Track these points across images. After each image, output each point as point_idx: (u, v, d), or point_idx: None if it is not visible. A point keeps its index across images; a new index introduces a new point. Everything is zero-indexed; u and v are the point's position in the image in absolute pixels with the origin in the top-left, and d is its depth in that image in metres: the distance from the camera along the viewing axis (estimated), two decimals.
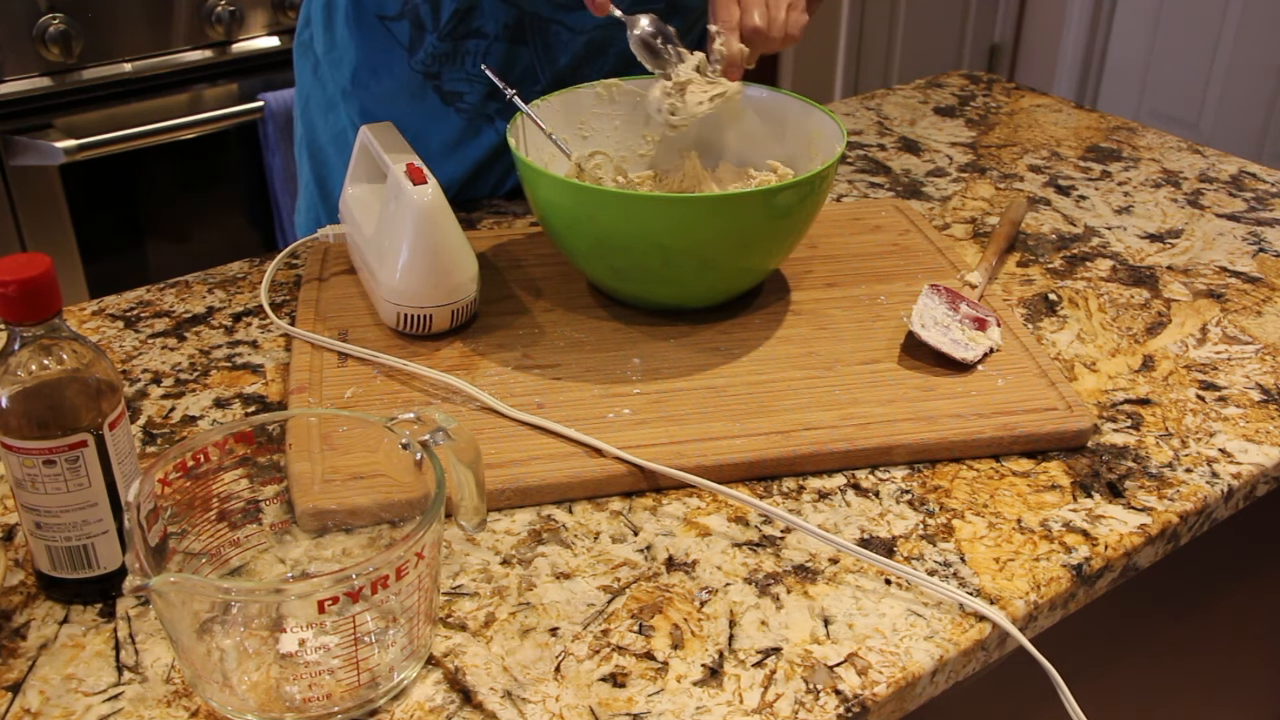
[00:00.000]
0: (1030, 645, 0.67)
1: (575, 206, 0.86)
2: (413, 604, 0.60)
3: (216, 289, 1.00)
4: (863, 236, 1.05)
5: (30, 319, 0.62)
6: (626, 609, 0.68)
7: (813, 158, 0.95)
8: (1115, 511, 0.76)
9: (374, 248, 0.91)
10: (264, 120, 1.84)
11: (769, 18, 0.91)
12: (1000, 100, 1.44)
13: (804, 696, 0.62)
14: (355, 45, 1.11)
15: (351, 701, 0.60)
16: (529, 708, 0.61)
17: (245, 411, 0.84)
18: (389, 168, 0.89)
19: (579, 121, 1.00)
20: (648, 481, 0.77)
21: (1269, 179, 1.23)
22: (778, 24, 0.91)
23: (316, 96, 1.17)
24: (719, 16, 0.92)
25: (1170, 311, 0.98)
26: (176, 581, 0.55)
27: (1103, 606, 0.76)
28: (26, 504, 0.65)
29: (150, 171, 1.83)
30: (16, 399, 0.63)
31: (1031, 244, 1.09)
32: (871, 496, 0.77)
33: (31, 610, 0.67)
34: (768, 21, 0.91)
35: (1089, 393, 0.87)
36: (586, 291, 0.96)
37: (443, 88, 1.09)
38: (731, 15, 0.91)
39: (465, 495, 0.67)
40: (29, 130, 1.68)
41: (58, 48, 1.66)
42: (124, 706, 0.61)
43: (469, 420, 0.80)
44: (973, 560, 0.71)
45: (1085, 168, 1.25)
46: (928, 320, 0.89)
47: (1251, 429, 0.84)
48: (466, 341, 0.89)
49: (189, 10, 1.77)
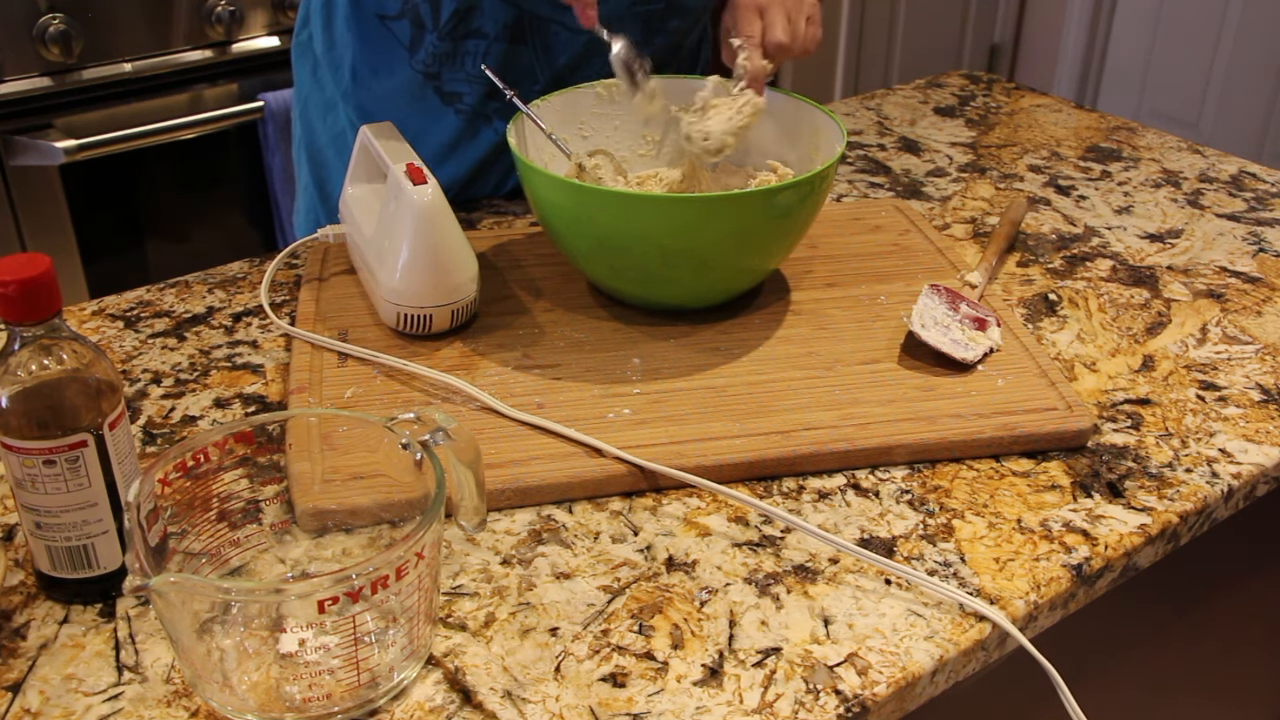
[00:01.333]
0: (1030, 645, 0.67)
1: (575, 206, 0.86)
2: (413, 604, 0.60)
3: (216, 289, 1.00)
4: (863, 236, 1.05)
5: (30, 319, 0.62)
6: (626, 609, 0.68)
7: (813, 158, 0.95)
8: (1115, 511, 0.76)
9: (374, 248, 0.91)
10: (264, 120, 1.84)
11: (791, 32, 0.91)
12: (1000, 100, 1.44)
13: (804, 696, 0.62)
14: (355, 45, 1.11)
15: (351, 701, 0.60)
16: (529, 708, 0.61)
17: (245, 411, 0.84)
18: (389, 168, 0.89)
19: (579, 121, 1.00)
20: (648, 481, 0.77)
21: (1269, 179, 1.23)
22: (799, 37, 0.92)
23: (315, 98, 1.17)
24: (742, 31, 0.92)
25: (1170, 311, 0.98)
26: (176, 581, 0.55)
27: (1103, 606, 0.76)
28: (26, 504, 0.65)
29: (150, 171, 1.83)
30: (16, 399, 0.63)
31: (1031, 244, 1.09)
32: (871, 496, 0.77)
33: (31, 610, 0.67)
34: (790, 35, 0.91)
35: (1089, 393, 0.87)
36: (586, 291, 0.96)
37: (442, 88, 1.09)
38: (755, 30, 0.91)
39: (465, 495, 0.67)
40: (29, 130, 1.68)
41: (58, 48, 1.66)
42: (124, 706, 0.61)
43: (469, 420, 0.80)
44: (973, 560, 0.71)
45: (1085, 168, 1.25)
46: (928, 320, 0.89)
47: (1251, 429, 0.84)
48: (466, 341, 0.89)
49: (189, 10, 1.77)
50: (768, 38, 0.91)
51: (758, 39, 0.92)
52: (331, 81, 1.14)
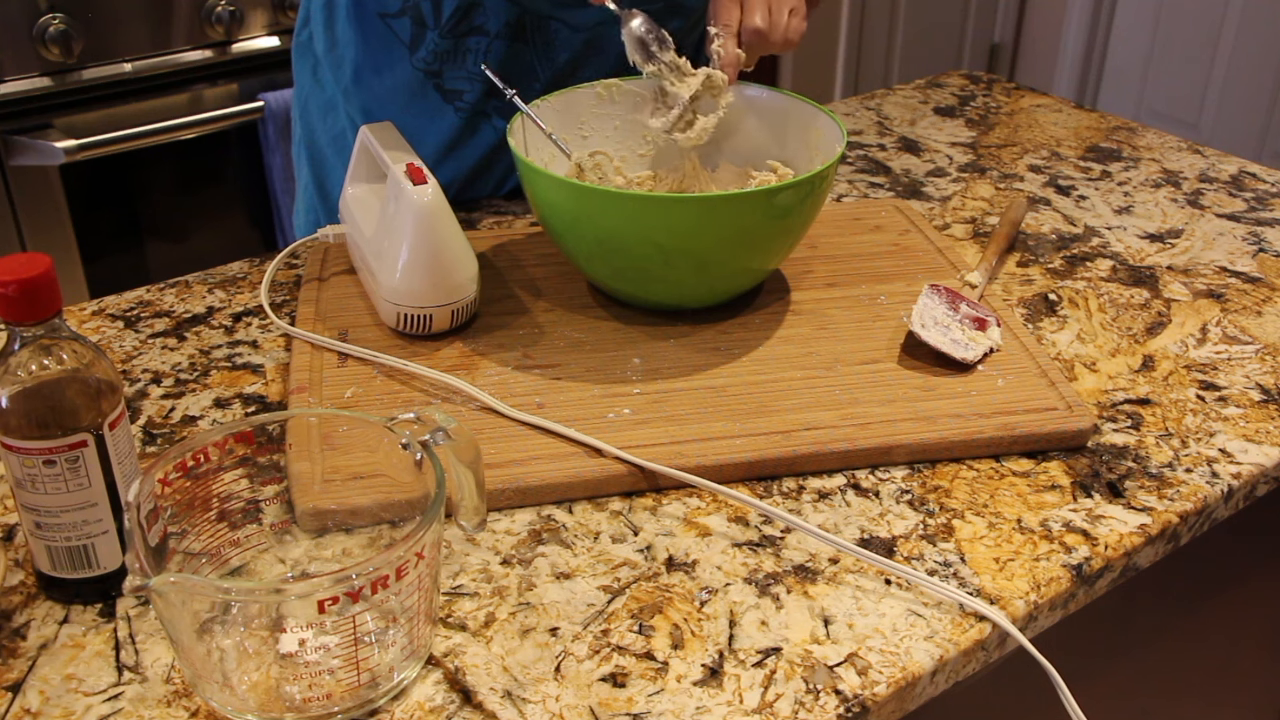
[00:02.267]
0: (1030, 645, 0.67)
1: (575, 206, 0.86)
2: (413, 604, 0.60)
3: (216, 289, 1.00)
4: (863, 236, 1.05)
5: (30, 319, 0.62)
6: (626, 609, 0.68)
7: (813, 158, 0.95)
8: (1115, 511, 0.76)
9: (374, 248, 0.91)
10: (264, 120, 1.84)
11: (770, 21, 0.91)
12: (1000, 100, 1.44)
13: (804, 696, 0.62)
14: (356, 43, 1.11)
15: (351, 701, 0.60)
16: (529, 708, 0.61)
17: (245, 411, 0.84)
18: (389, 168, 0.89)
19: (579, 121, 1.00)
20: (648, 481, 0.77)
21: (1269, 179, 1.23)
22: (779, 28, 0.91)
23: (315, 98, 1.17)
24: (719, 18, 0.92)
25: (1170, 311, 0.98)
26: (176, 581, 0.55)
27: (1103, 606, 0.76)
28: (26, 504, 0.65)
29: (150, 171, 1.83)
30: (16, 399, 0.63)
31: (1031, 244, 1.09)
32: (871, 496, 0.77)
33: (31, 610, 0.67)
34: (769, 24, 0.91)
35: (1089, 393, 0.87)
36: (586, 291, 0.96)
37: (443, 85, 1.09)
38: (732, 17, 0.91)
39: (465, 495, 0.67)
40: (29, 130, 1.68)
41: (58, 48, 1.66)
42: (124, 706, 0.61)
43: (469, 420, 0.80)
44: (973, 560, 0.71)
45: (1085, 168, 1.25)
46: (928, 320, 0.89)
47: (1251, 429, 0.84)
48: (466, 341, 0.89)
49: (189, 10, 1.77)
50: (745, 24, 0.91)
51: (734, 27, 0.91)
52: (332, 80, 1.14)
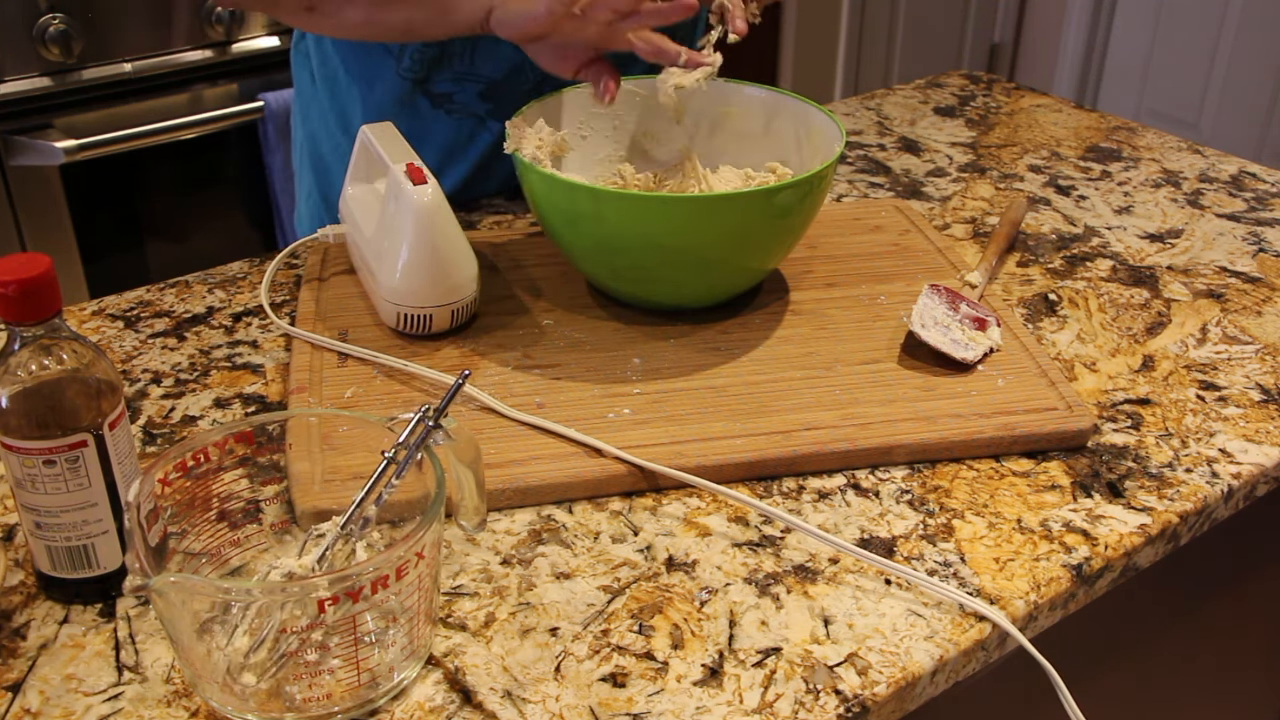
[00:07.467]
0: (1030, 645, 0.67)
1: (574, 207, 0.86)
2: (413, 604, 0.60)
3: (216, 289, 1.00)
4: (863, 236, 1.05)
5: (30, 319, 0.62)
6: (626, 609, 0.68)
7: (813, 158, 0.95)
8: (1115, 511, 0.76)
9: (374, 248, 0.91)
10: (264, 120, 1.84)
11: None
12: (1000, 100, 1.44)
13: (804, 696, 0.62)
14: (343, 56, 1.11)
15: (351, 701, 0.60)
16: (529, 708, 0.61)
17: (245, 411, 0.84)
18: (389, 168, 0.89)
19: (579, 121, 1.00)
20: (648, 481, 0.77)
21: (1269, 179, 1.23)
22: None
23: (315, 105, 1.17)
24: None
25: (1170, 311, 0.98)
26: (176, 581, 0.55)
27: (1103, 606, 0.76)
28: (26, 504, 0.65)
29: (150, 171, 1.83)
30: (16, 399, 0.63)
31: (1031, 244, 1.09)
32: (871, 496, 0.77)
33: (31, 610, 0.67)
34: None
35: (1089, 393, 0.87)
36: (586, 291, 0.96)
37: (432, 90, 1.09)
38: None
39: (465, 495, 0.67)
40: (29, 130, 1.68)
41: (58, 48, 1.66)
42: (124, 706, 0.61)
43: (469, 420, 0.80)
44: (973, 560, 0.71)
45: (1085, 168, 1.25)
46: (928, 320, 0.89)
47: (1251, 429, 0.84)
48: (466, 341, 0.89)
49: (189, 10, 1.77)
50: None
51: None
52: (327, 93, 1.14)
